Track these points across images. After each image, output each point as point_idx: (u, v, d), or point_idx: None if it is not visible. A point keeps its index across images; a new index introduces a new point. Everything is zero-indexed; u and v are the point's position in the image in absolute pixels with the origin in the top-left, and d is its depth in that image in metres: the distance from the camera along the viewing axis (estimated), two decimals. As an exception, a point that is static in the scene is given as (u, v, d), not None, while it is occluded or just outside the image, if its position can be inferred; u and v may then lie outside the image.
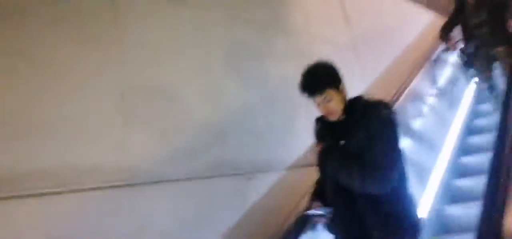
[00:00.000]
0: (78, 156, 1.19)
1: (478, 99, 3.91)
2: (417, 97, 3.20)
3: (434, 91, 3.49)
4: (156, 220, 1.34)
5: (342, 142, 1.35)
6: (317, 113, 1.40)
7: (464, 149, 3.36)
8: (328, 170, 1.37)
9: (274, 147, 1.06)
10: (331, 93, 1.30)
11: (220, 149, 1.62)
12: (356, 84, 2.34)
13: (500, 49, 2.92)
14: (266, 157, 1.24)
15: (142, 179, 1.33)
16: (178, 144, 1.50)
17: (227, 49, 1.85)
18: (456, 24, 3.18)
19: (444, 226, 2.59)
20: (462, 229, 2.36)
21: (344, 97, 1.36)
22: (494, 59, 3.01)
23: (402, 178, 1.33)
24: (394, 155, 1.29)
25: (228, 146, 1.63)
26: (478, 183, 2.44)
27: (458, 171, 3.11)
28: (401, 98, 2.78)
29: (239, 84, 1.80)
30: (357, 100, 1.40)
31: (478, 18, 2.99)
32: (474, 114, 3.84)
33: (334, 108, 1.32)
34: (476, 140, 3.41)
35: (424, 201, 2.49)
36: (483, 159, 2.69)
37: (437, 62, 3.66)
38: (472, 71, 3.31)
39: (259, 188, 1.67)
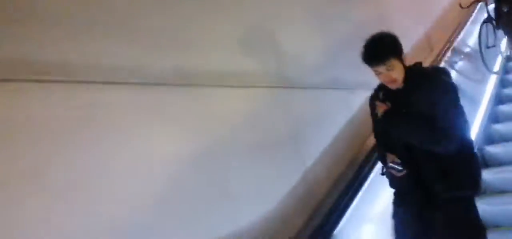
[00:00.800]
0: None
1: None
2: (460, 54, 3.66)
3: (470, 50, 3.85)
4: (302, 115, 1.92)
5: (403, 110, 1.39)
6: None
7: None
8: (394, 132, 1.44)
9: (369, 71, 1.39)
10: (393, 62, 1.34)
11: (333, 68, 2.20)
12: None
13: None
14: (365, 78, 1.54)
15: (293, 84, 1.91)
16: (314, 61, 2.09)
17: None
18: None
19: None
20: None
21: (404, 67, 1.39)
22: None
23: (464, 137, 1.40)
24: (459, 117, 1.38)
25: (338, 66, 2.22)
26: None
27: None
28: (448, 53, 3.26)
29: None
30: (416, 68, 1.46)
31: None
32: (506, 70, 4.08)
33: (396, 76, 1.36)
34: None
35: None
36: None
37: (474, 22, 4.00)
38: (501, 31, 3.66)
39: (359, 101, 2.23)
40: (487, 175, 2.37)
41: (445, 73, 1.51)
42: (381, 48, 1.35)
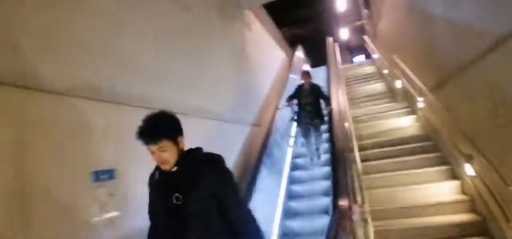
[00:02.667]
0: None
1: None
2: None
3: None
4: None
5: (176, 194, 1.36)
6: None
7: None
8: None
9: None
10: (165, 143, 1.34)
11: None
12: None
13: (316, 120, 5.28)
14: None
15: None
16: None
17: None
18: (295, 97, 5.46)
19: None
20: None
21: (180, 149, 1.40)
22: (311, 124, 5.32)
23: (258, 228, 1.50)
24: (248, 211, 1.51)
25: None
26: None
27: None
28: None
29: None
30: (195, 152, 1.47)
31: (307, 99, 5.31)
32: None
33: (167, 158, 1.36)
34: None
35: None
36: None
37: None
38: (297, 126, 5.71)
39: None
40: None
41: (223, 161, 1.50)
42: (154, 129, 1.35)
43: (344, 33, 19.38)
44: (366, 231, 2.92)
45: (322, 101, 5.40)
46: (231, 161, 4.09)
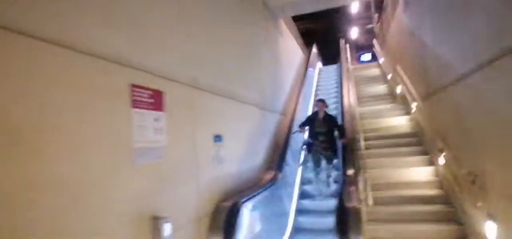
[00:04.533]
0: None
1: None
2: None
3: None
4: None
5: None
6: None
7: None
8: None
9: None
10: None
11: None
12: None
13: (328, 153, 5.27)
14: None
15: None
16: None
17: None
18: (308, 124, 5.45)
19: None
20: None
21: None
22: (323, 155, 5.33)
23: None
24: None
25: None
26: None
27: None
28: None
29: None
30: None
31: (321, 128, 5.28)
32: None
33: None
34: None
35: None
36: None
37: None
38: (308, 154, 5.59)
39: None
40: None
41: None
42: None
43: (354, 32, 20.55)
44: (367, 195, 4.36)
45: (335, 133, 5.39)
46: (268, 140, 5.55)
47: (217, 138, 3.43)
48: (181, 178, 2.70)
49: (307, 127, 5.49)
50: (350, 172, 4.30)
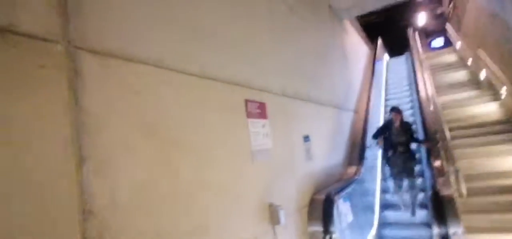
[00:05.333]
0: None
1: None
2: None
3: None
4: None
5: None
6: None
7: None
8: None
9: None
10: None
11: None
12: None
13: (409, 164, 4.86)
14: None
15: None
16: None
17: None
18: (383, 134, 5.14)
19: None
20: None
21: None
22: (404, 171, 4.89)
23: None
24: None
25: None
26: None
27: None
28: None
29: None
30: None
31: (399, 138, 4.91)
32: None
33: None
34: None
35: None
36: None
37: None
38: (387, 167, 5.31)
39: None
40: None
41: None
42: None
43: (421, 19, 19.26)
44: (460, 186, 4.28)
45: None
46: (345, 137, 5.75)
47: (306, 138, 3.81)
48: (284, 174, 3.13)
49: (382, 138, 5.15)
50: (438, 163, 4.29)
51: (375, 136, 5.32)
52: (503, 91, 6.04)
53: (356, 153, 5.67)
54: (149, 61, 1.73)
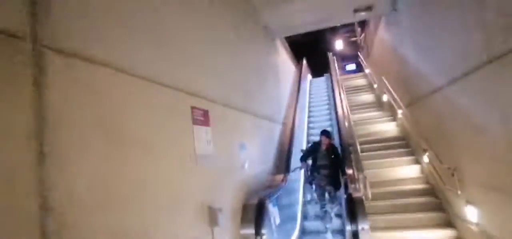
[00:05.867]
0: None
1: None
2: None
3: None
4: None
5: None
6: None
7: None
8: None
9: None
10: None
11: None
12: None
13: (331, 187, 4.95)
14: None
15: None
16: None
17: None
18: (309, 157, 5.24)
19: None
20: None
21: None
22: (325, 190, 5.01)
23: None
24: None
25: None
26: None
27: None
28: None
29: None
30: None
31: (324, 161, 5.00)
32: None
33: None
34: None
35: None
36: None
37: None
38: (310, 186, 5.48)
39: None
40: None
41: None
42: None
43: (338, 44, 21.69)
44: (366, 191, 5.06)
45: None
46: (274, 147, 6.23)
47: (243, 146, 4.08)
48: (223, 179, 3.33)
49: (309, 162, 5.24)
50: (350, 171, 5.01)
51: (303, 158, 5.37)
52: (400, 113, 7.34)
53: (283, 162, 6.19)
54: (107, 63, 1.78)
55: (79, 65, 1.57)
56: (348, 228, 3.46)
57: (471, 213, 4.12)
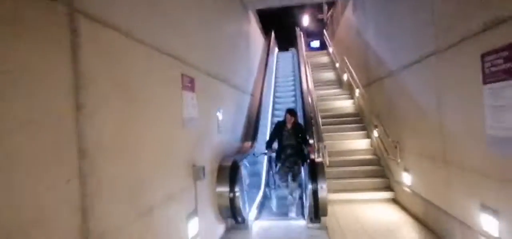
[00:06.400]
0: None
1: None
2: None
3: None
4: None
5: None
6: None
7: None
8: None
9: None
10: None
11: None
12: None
13: (296, 167, 4.86)
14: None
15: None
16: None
17: None
18: (276, 138, 5.05)
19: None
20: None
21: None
22: (291, 168, 4.89)
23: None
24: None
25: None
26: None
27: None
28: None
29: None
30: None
31: (289, 141, 4.92)
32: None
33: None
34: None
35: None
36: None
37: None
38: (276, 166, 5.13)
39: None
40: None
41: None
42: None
43: (305, 20, 22.17)
44: (325, 158, 5.73)
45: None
46: (244, 116, 6.66)
47: (219, 113, 4.44)
48: (204, 141, 3.70)
49: (275, 146, 5.08)
50: (312, 141, 5.63)
51: (269, 144, 5.15)
52: (357, 92, 8.12)
53: (251, 130, 6.66)
54: (120, 29, 2.02)
55: (100, 29, 1.81)
56: (309, 187, 4.05)
57: (406, 178, 4.97)
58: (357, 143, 6.97)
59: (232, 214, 4.13)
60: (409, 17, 4.53)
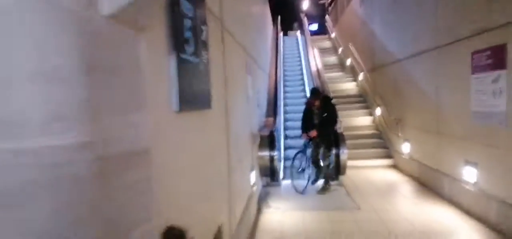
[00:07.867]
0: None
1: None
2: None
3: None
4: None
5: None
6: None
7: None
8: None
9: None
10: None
11: None
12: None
13: (320, 150, 5.06)
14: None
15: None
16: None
17: None
18: (308, 121, 5.22)
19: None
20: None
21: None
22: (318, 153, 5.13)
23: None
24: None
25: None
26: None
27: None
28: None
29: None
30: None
31: (320, 118, 5.09)
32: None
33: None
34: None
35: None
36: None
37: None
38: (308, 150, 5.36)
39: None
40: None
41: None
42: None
43: (305, 3, 22.84)
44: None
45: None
46: (265, 90, 7.65)
47: (257, 92, 5.42)
48: (254, 114, 4.70)
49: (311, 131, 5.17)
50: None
51: (304, 128, 5.32)
52: (361, 76, 9.17)
53: (272, 107, 7.68)
54: (234, 36, 2.97)
55: (228, 36, 2.78)
56: (334, 151, 5.14)
57: (405, 147, 6.13)
58: (361, 120, 8.09)
59: (270, 173, 5.20)
60: (415, 16, 5.53)
